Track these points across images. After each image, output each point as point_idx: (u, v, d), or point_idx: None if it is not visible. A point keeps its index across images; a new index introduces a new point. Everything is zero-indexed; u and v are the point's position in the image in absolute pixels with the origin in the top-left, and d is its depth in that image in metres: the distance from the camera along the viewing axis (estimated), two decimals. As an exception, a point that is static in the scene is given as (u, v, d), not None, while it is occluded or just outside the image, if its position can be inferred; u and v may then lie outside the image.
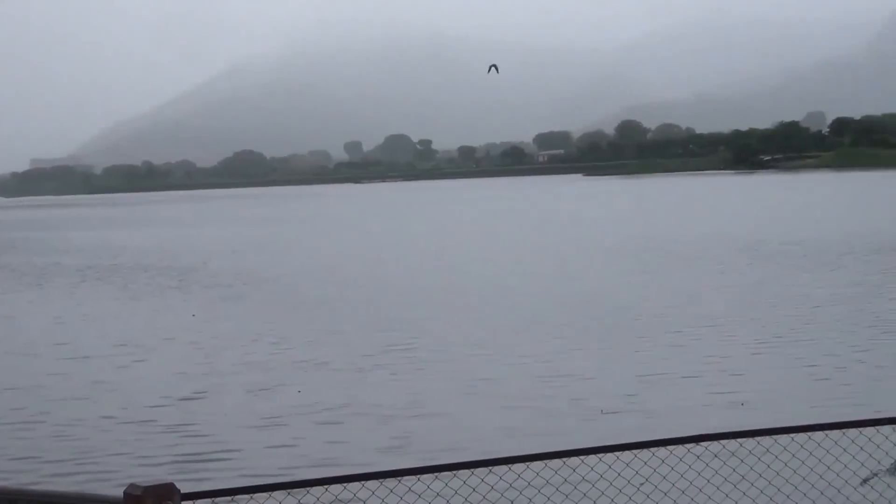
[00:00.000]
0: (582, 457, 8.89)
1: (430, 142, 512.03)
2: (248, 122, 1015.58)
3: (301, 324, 36.79)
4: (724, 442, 9.46)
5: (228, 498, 8.47)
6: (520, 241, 72.56)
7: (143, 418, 22.63)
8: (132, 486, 5.94)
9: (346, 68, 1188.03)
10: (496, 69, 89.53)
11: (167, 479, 5.96)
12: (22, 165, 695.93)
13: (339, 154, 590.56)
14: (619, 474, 10.28)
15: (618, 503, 10.56)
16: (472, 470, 8.85)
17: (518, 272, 51.79)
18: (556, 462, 8.89)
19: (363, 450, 19.30)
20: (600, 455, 9.11)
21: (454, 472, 8.86)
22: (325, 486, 8.18)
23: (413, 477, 9.29)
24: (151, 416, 22.88)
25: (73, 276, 59.22)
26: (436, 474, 9.12)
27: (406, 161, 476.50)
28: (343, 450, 19.44)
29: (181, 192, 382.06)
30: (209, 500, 7.72)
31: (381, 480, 9.03)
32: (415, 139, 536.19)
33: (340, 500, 9.43)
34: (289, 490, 8.12)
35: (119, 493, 6.08)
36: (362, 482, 8.26)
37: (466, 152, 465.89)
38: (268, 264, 61.79)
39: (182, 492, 6.04)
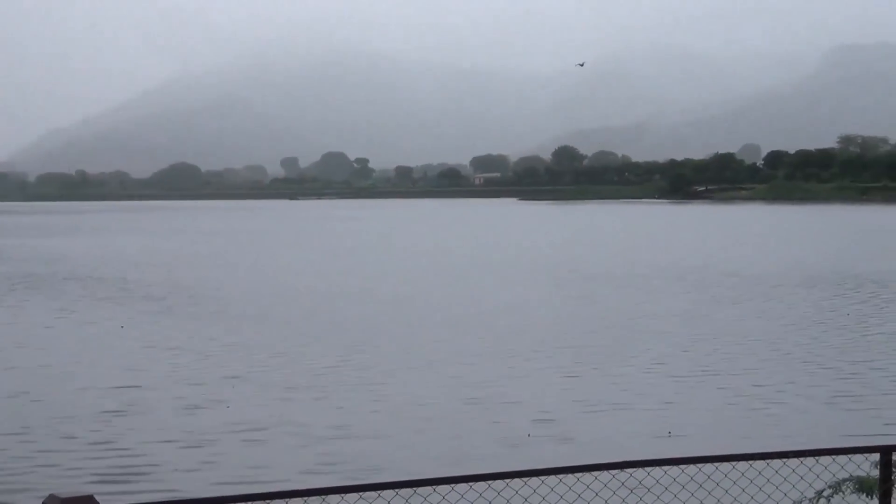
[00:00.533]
0: (507, 480, 8.89)
1: (366, 160, 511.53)
2: (184, 136, 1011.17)
3: (232, 338, 36.59)
4: (649, 469, 9.48)
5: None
6: (446, 260, 72.56)
7: (65, 431, 22.37)
8: (51, 497, 5.86)
9: (283, 86, 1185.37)
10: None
11: (87, 490, 5.88)
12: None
13: (275, 170, 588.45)
14: (543, 498, 10.27)
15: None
16: (396, 490, 8.82)
17: (442, 292, 51.80)
18: (481, 485, 8.88)
19: (287, 468, 19.19)
20: (525, 479, 9.11)
21: (378, 491, 8.82)
22: (250, 502, 8.13)
23: (338, 496, 9.25)
24: (73, 429, 22.61)
25: (2, 285, 58.59)
26: (360, 494, 9.08)
27: (343, 179, 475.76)
28: (267, 469, 19.31)
29: (115, 203, 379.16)
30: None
31: (304, 499, 8.99)
32: (352, 157, 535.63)
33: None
34: (210, 505, 8.05)
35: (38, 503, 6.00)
36: (286, 500, 8.21)
37: (403, 172, 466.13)
38: (200, 277, 61.57)
39: (101, 504, 5.95)
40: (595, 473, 8.96)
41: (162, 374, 29.39)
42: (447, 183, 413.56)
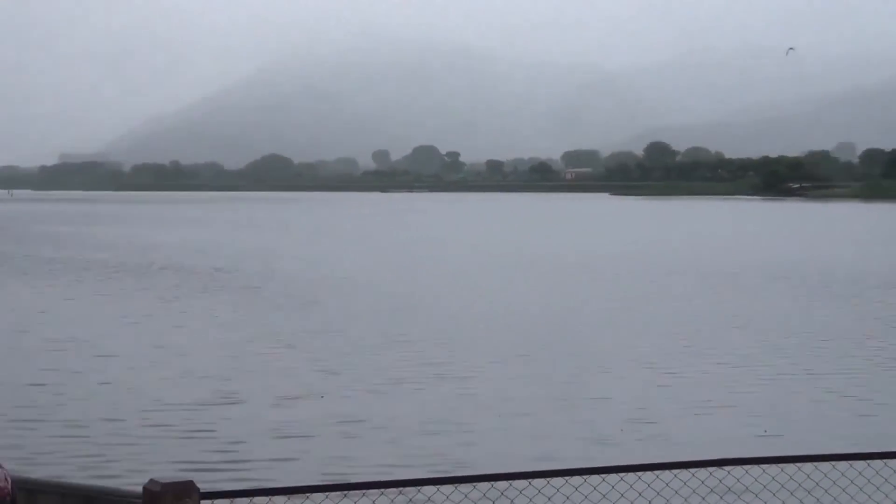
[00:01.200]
0: (603, 475, 8.81)
1: (457, 154, 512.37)
2: (277, 127, 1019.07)
3: (323, 330, 36.71)
4: (747, 467, 9.36)
5: (247, 500, 8.42)
6: (538, 255, 72.30)
7: (161, 420, 22.58)
8: (152, 481, 5.87)
9: (374, 79, 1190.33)
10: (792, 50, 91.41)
11: (186, 476, 5.89)
12: (51, 159, 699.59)
13: (366, 163, 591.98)
14: (640, 494, 10.17)
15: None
16: (492, 483, 8.77)
17: (533, 286, 51.62)
18: (577, 479, 8.80)
19: (374, 461, 19.18)
20: (622, 474, 9.03)
21: (474, 483, 8.77)
22: (345, 493, 8.12)
23: (433, 487, 9.23)
24: (169, 417, 22.82)
25: (100, 273, 59.28)
26: (455, 485, 9.04)
27: (433, 173, 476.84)
28: (354, 461, 19.28)
29: (208, 193, 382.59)
30: (227, 500, 7.65)
31: (400, 489, 8.98)
32: (443, 151, 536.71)
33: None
34: (307, 494, 8.05)
35: (138, 489, 6.02)
36: (381, 490, 8.21)
37: (494, 166, 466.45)
38: (294, 269, 61.84)
39: (201, 490, 5.96)
40: (692, 471, 8.85)
41: (256, 365, 29.51)
42: (538, 177, 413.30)
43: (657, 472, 8.87)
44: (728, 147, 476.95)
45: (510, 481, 8.86)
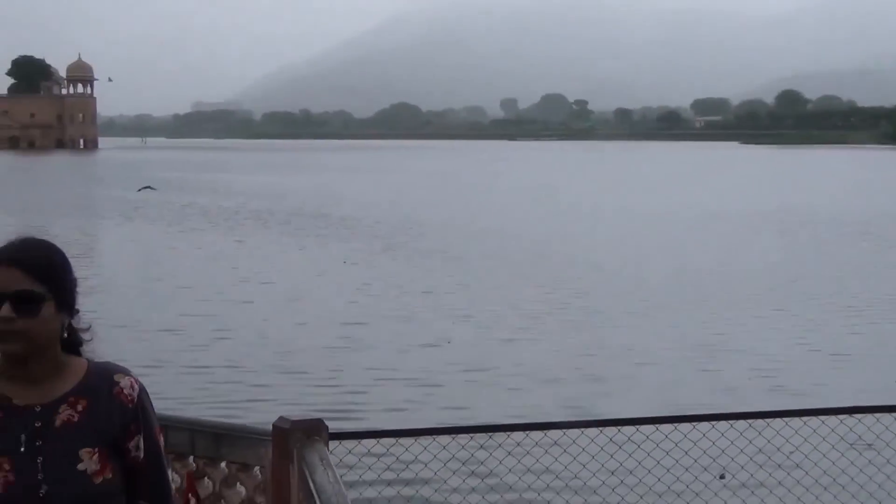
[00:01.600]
0: (731, 421, 8.75)
1: (585, 102, 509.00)
2: (406, 76, 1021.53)
3: (454, 277, 36.78)
4: (878, 416, 9.21)
5: (374, 441, 8.51)
6: (672, 205, 71.59)
7: (294, 364, 22.89)
8: (281, 419, 5.95)
9: (503, 26, 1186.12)
10: None
11: (315, 415, 5.96)
12: (184, 108, 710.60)
13: (494, 111, 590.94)
14: (768, 441, 10.07)
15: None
16: (618, 427, 8.76)
17: (667, 238, 51.18)
18: (705, 425, 8.75)
19: (500, 408, 19.23)
20: (750, 420, 8.97)
21: (600, 427, 8.77)
22: (471, 435, 8.17)
23: (559, 431, 9.23)
24: (301, 362, 23.10)
25: (230, 219, 60.09)
26: (600, 429, 9.03)
27: (561, 121, 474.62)
28: (479, 409, 19.33)
29: (337, 141, 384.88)
30: (355, 441, 7.72)
31: (527, 432, 9.00)
32: (571, 99, 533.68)
33: (487, 448, 9.39)
34: (434, 436, 8.09)
35: (268, 427, 6.10)
36: (507, 433, 8.24)
37: (622, 115, 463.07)
38: (423, 216, 61.90)
39: (330, 430, 6.02)
40: (822, 418, 8.75)
41: (384, 310, 29.67)
42: (667, 126, 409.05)
43: (786, 419, 8.78)
44: (860, 96, 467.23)
45: (637, 426, 8.85)
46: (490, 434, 9.18)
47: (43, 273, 3.64)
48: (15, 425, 3.63)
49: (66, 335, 3.80)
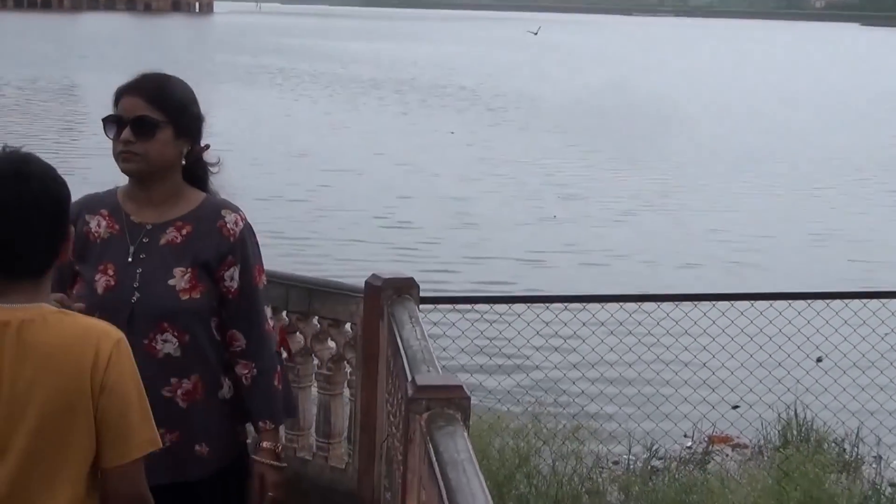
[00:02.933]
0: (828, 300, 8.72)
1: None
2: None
3: (571, 152, 36.32)
4: None
5: (468, 307, 8.57)
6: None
7: (393, 231, 23.09)
8: (373, 276, 6.04)
9: None
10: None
11: (408, 273, 6.04)
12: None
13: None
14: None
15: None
16: (713, 303, 8.77)
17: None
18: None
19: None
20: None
21: (695, 301, 8.78)
22: (565, 305, 8.21)
23: (653, 303, 9.24)
24: (402, 233, 23.28)
25: (344, 88, 59.67)
26: (676, 303, 9.05)
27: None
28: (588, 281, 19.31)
29: (454, 12, 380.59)
30: (449, 306, 7.79)
31: (621, 303, 9.03)
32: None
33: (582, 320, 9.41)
34: (528, 304, 8.14)
35: (361, 283, 6.20)
36: (601, 303, 8.28)
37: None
38: (538, 89, 61.01)
39: (422, 295, 6.09)
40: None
41: (493, 186, 29.36)
42: (785, 4, 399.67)
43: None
44: None
45: (731, 301, 8.86)
46: (584, 305, 9.24)
47: (161, 102, 4.09)
48: (128, 238, 4.06)
49: (184, 163, 4.24)
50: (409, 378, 4.20)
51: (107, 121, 4.17)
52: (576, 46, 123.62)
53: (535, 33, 33.55)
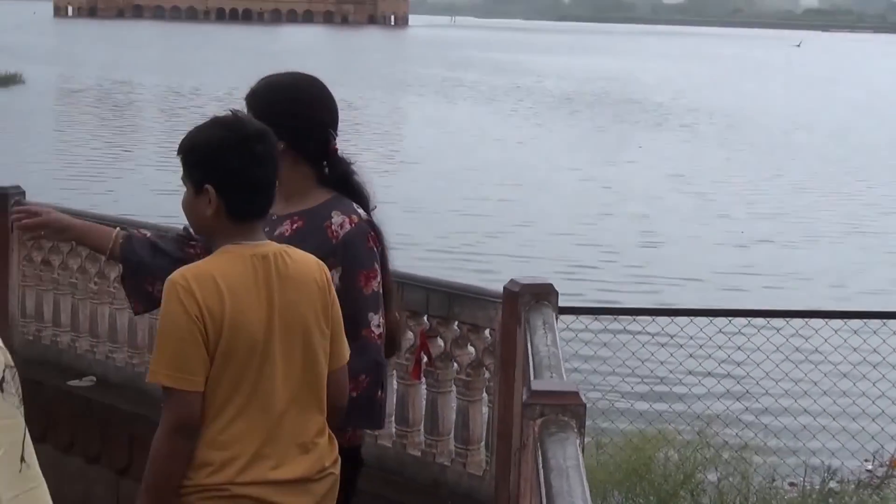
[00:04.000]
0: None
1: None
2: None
3: (764, 173, 35.30)
4: None
5: (611, 318, 8.40)
6: None
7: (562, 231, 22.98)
8: (512, 281, 5.97)
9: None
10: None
11: (548, 279, 5.94)
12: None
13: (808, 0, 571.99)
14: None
15: None
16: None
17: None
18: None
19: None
20: None
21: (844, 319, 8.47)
22: (710, 319, 8.01)
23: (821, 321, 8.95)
24: (570, 247, 23.15)
25: (542, 102, 59.35)
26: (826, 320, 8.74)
27: (877, 13, 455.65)
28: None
29: (645, 26, 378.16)
30: (591, 317, 7.63)
31: (786, 319, 8.77)
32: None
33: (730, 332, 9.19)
34: (672, 317, 7.96)
35: (499, 288, 6.14)
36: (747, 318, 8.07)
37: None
38: (734, 106, 60.01)
39: (561, 305, 5.98)
40: None
41: (680, 204, 28.93)
42: None
43: None
44: None
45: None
46: (749, 319, 9.01)
47: (270, 119, 4.03)
48: (262, 226, 4.04)
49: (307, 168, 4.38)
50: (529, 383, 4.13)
51: None
52: (772, 61, 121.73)
53: (798, 45, 33.50)
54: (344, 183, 4.44)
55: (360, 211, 4.39)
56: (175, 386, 3.56)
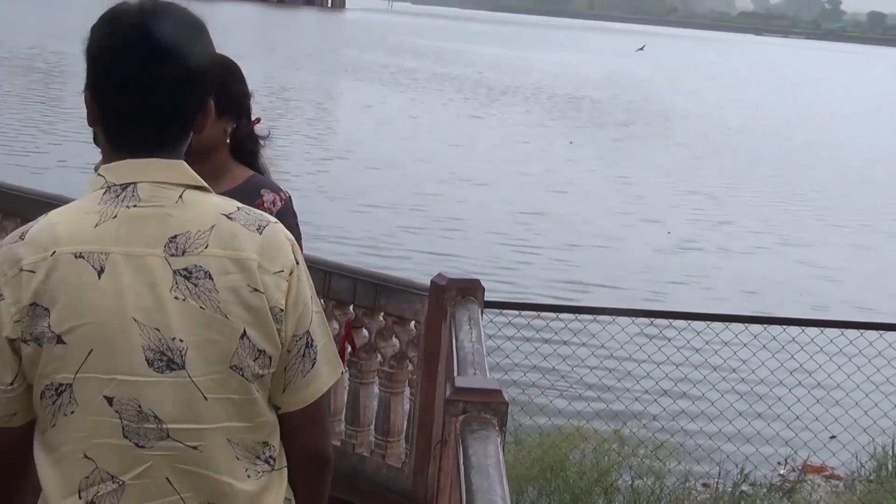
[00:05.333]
0: None
1: (839, 2, 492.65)
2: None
3: (699, 173, 35.23)
4: None
5: (534, 314, 8.43)
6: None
7: (488, 230, 23.11)
8: (439, 275, 6.00)
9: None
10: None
11: (474, 275, 5.97)
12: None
13: (743, 2, 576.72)
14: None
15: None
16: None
17: None
18: None
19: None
20: None
21: (784, 326, 8.58)
22: (632, 319, 8.08)
23: (740, 325, 9.06)
24: (498, 229, 23.27)
25: (476, 93, 59.19)
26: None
27: (811, 19, 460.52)
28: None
29: (581, 21, 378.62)
30: (516, 312, 7.65)
31: (708, 323, 8.86)
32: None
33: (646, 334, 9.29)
34: (595, 315, 7.99)
35: (426, 282, 6.16)
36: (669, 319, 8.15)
37: (876, 18, 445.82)
38: (662, 103, 60.30)
39: (486, 300, 6.01)
40: None
41: (605, 203, 28.66)
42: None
43: None
44: None
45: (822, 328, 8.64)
46: (670, 321, 9.09)
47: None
48: None
49: (229, 141, 4.25)
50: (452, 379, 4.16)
51: None
52: (705, 63, 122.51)
53: (642, 49, 33.29)
54: (251, 161, 4.40)
55: (283, 188, 4.37)
56: None
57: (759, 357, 9.52)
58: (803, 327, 8.55)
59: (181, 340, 2.57)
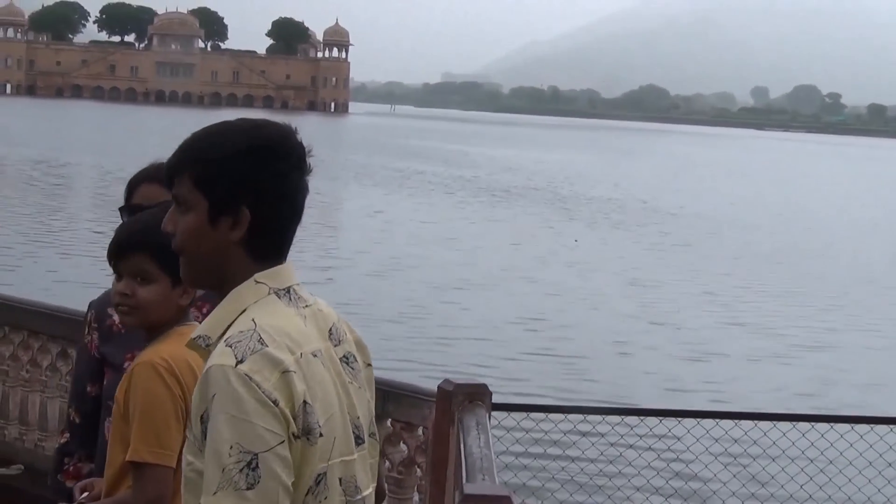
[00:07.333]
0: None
1: (839, 96, 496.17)
2: (654, 58, 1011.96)
3: (704, 272, 34.99)
4: None
5: (543, 415, 8.39)
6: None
7: (496, 331, 23.09)
8: (446, 381, 5.98)
9: (757, 11, 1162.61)
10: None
11: (481, 380, 5.97)
12: (433, 77, 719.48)
13: (743, 98, 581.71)
14: None
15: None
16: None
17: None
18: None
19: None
20: None
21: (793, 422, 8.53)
22: (641, 417, 8.05)
23: (750, 422, 9.01)
24: (507, 330, 23.24)
25: (477, 194, 59.37)
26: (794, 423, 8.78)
27: (811, 113, 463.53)
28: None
29: (584, 120, 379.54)
30: (524, 414, 7.62)
31: (716, 420, 8.82)
32: (824, 92, 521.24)
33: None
34: (604, 416, 7.97)
35: (433, 387, 6.16)
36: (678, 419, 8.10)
37: (876, 111, 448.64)
38: (668, 202, 60.16)
39: (494, 402, 6.00)
40: None
41: (615, 303, 28.57)
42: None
43: None
44: None
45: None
46: (679, 419, 9.03)
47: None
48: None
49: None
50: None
51: (123, 210, 4.44)
52: (706, 160, 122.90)
53: (576, 241, 33.80)
54: None
55: None
56: (157, 462, 3.61)
57: (808, 455, 9.45)
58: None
59: (358, 417, 2.97)
